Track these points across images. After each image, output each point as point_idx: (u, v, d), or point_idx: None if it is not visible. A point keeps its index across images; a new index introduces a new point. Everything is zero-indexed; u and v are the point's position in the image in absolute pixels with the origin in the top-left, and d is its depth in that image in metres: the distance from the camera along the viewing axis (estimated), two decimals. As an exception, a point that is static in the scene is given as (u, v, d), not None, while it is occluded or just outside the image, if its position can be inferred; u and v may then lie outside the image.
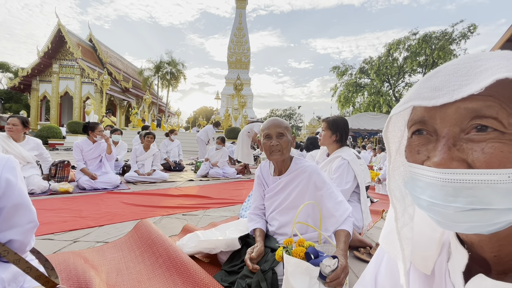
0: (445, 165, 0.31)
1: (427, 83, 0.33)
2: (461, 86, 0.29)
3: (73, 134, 12.24)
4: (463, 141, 0.31)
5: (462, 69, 0.30)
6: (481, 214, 0.29)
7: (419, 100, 0.32)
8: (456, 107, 0.31)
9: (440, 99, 0.30)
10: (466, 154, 0.30)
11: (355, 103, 24.95)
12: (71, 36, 17.81)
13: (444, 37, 19.38)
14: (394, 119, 0.40)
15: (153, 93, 24.92)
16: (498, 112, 0.29)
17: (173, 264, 1.36)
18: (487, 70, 0.28)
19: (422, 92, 0.32)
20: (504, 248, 0.33)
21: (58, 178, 3.52)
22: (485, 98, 0.29)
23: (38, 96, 18.41)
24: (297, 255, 0.98)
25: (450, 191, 0.30)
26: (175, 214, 2.51)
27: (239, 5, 25.44)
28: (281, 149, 1.27)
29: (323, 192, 1.29)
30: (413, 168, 0.35)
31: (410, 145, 0.37)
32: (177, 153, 6.34)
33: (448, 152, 0.31)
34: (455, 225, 0.31)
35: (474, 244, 0.36)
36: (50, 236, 1.86)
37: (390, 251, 0.46)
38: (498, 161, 0.28)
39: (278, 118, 1.34)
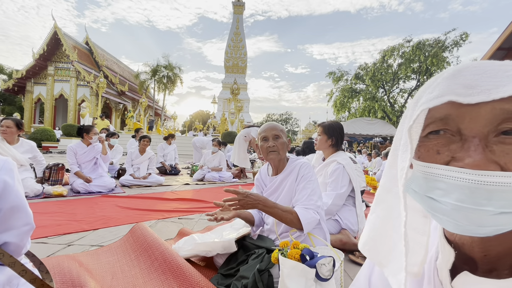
0: (482, 167, 0.29)
1: (456, 80, 0.31)
2: (497, 87, 0.29)
3: (67, 137, 12.11)
4: (493, 142, 0.30)
5: (490, 71, 0.30)
6: (509, 217, 0.29)
7: (455, 96, 0.31)
8: (492, 107, 0.30)
9: (476, 96, 0.30)
10: (498, 157, 0.30)
11: (351, 109, 25.21)
12: (67, 39, 17.75)
13: (437, 44, 19.79)
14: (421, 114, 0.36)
15: (150, 97, 24.86)
16: None
17: (169, 268, 1.35)
18: None
19: (455, 88, 0.31)
20: (494, 249, 0.35)
21: (52, 181, 3.47)
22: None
23: (32, 99, 18.22)
24: (293, 257, 0.99)
25: (484, 194, 0.29)
26: (170, 218, 2.50)
27: (237, 10, 25.69)
28: (277, 150, 1.36)
29: (301, 186, 1.33)
30: (433, 168, 0.33)
31: (426, 145, 0.35)
32: (173, 157, 6.32)
33: (483, 152, 0.30)
34: (478, 229, 0.30)
35: (465, 245, 0.37)
36: (44, 239, 1.84)
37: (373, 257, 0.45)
38: None
39: (274, 122, 1.42)
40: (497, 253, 0.35)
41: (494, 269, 0.35)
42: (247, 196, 1.17)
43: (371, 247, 0.45)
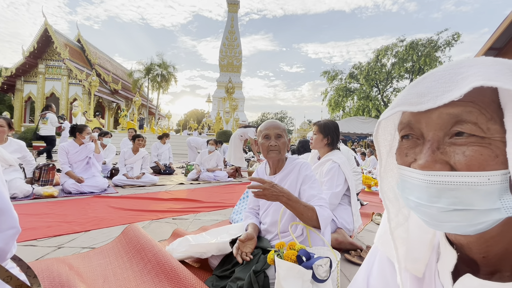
0: (429, 167, 0.32)
1: (414, 89, 0.34)
2: (444, 93, 0.31)
3: (59, 136, 11.88)
4: (446, 144, 0.32)
5: (446, 76, 0.32)
6: (463, 215, 0.30)
7: (406, 106, 0.34)
8: (439, 112, 0.32)
9: (424, 104, 0.32)
10: (449, 157, 0.32)
11: (345, 108, 25.37)
12: (58, 36, 17.38)
13: (430, 44, 20.02)
14: (383, 124, 0.42)
15: (143, 95, 24.57)
16: (477, 118, 0.30)
17: (162, 270, 1.33)
18: (467, 78, 0.30)
19: (409, 98, 0.34)
20: (491, 249, 0.34)
21: (42, 182, 3.39)
22: (465, 104, 0.31)
23: (22, 97, 17.81)
24: (289, 258, 0.97)
25: (434, 192, 0.32)
26: (164, 218, 2.46)
27: (231, 9, 25.55)
28: (279, 149, 1.34)
29: (307, 186, 1.32)
30: (402, 170, 0.36)
31: (400, 148, 0.38)
32: (168, 156, 6.26)
33: (432, 155, 0.32)
34: (440, 225, 0.33)
35: (463, 246, 0.37)
36: (33, 242, 1.78)
37: (386, 251, 0.48)
38: (478, 164, 0.30)
39: (276, 120, 1.40)
40: (496, 253, 0.34)
41: (496, 271, 0.34)
42: (273, 186, 1.14)
43: (384, 241, 0.48)
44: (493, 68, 0.30)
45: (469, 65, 0.31)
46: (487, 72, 0.29)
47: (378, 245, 0.50)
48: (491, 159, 0.29)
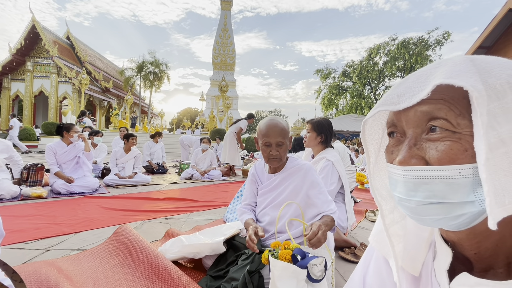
0: (405, 163, 0.34)
1: (395, 90, 0.36)
2: (418, 92, 0.32)
3: (48, 135, 11.61)
4: (423, 140, 0.34)
5: (423, 76, 0.34)
6: (439, 207, 0.32)
7: (386, 106, 0.36)
8: (415, 110, 0.34)
9: (401, 104, 0.34)
10: (424, 152, 0.33)
11: (338, 106, 25.55)
12: (46, 33, 16.93)
13: (421, 43, 20.29)
14: (369, 123, 0.44)
15: (135, 94, 24.22)
16: (446, 114, 0.31)
17: (154, 271, 1.30)
18: (435, 77, 0.31)
19: (389, 98, 0.36)
20: (482, 245, 0.34)
21: (30, 183, 3.31)
22: (436, 102, 0.32)
23: (9, 96, 17.32)
24: (284, 258, 0.96)
25: (411, 186, 0.33)
26: (157, 218, 2.43)
27: (224, 6, 25.35)
28: (280, 157, 1.29)
29: (316, 191, 1.30)
30: (389, 167, 0.38)
31: (387, 146, 0.40)
32: (160, 155, 6.18)
33: (409, 151, 0.34)
34: (421, 218, 0.34)
35: (455, 243, 0.37)
36: (21, 245, 1.73)
37: (381, 249, 0.48)
38: (449, 158, 0.31)
39: (277, 122, 1.28)
40: (487, 249, 0.34)
41: (490, 268, 0.35)
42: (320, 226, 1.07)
43: (379, 239, 0.48)
44: (459, 66, 0.31)
45: (443, 65, 0.33)
46: (450, 71, 0.30)
47: (373, 243, 0.50)
48: (460, 153, 0.30)
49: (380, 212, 0.44)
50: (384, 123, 0.43)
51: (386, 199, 0.44)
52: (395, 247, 0.43)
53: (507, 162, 0.28)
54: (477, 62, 0.31)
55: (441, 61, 0.34)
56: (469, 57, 0.32)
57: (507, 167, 0.28)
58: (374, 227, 0.52)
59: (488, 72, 0.30)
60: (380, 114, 0.44)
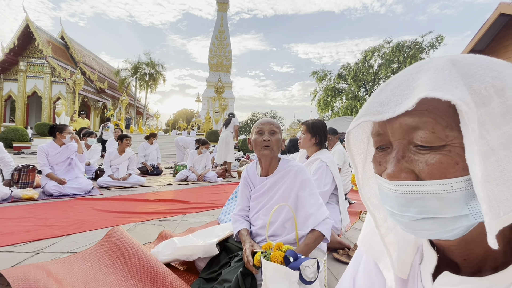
0: (395, 177, 0.32)
1: (377, 98, 0.34)
2: (401, 101, 0.30)
3: (41, 136, 11.45)
4: (411, 152, 0.32)
5: (405, 82, 0.31)
6: (433, 222, 0.30)
7: (369, 116, 0.33)
8: (399, 122, 0.32)
9: (385, 114, 0.32)
10: (414, 166, 0.31)
11: (334, 107, 25.72)
12: (40, 33, 16.74)
13: (415, 46, 20.58)
14: (354, 133, 0.42)
15: (131, 95, 24.04)
16: (433, 127, 0.29)
17: (146, 274, 1.28)
18: (418, 86, 0.29)
19: (372, 107, 0.33)
20: (472, 252, 0.34)
21: (21, 184, 3.25)
22: (421, 114, 0.30)
23: (2, 96, 17.06)
24: (276, 259, 0.96)
25: (403, 201, 0.32)
26: (151, 220, 2.40)
27: (221, 8, 25.38)
28: (272, 145, 1.29)
29: (306, 193, 1.29)
30: (378, 179, 0.36)
31: (374, 156, 0.38)
32: (155, 157, 6.13)
33: (397, 164, 0.32)
34: (415, 232, 0.33)
35: (445, 249, 0.37)
36: (10, 247, 1.69)
37: (369, 252, 0.47)
38: (439, 172, 0.29)
39: (270, 118, 1.39)
40: (477, 256, 0.34)
41: (477, 272, 0.34)
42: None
43: (367, 242, 0.47)
44: (442, 73, 0.29)
45: (426, 69, 0.31)
46: (434, 80, 0.28)
47: (361, 247, 0.50)
48: (451, 166, 0.29)
49: (374, 222, 0.42)
50: (369, 131, 0.41)
51: (378, 208, 0.42)
52: (392, 255, 0.42)
53: (498, 171, 0.27)
54: (459, 64, 0.29)
55: (422, 64, 0.32)
56: (451, 59, 0.30)
57: (499, 176, 0.27)
58: (362, 230, 0.50)
59: (471, 75, 0.28)
60: (364, 123, 0.41)
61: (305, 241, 1.19)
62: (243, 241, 1.28)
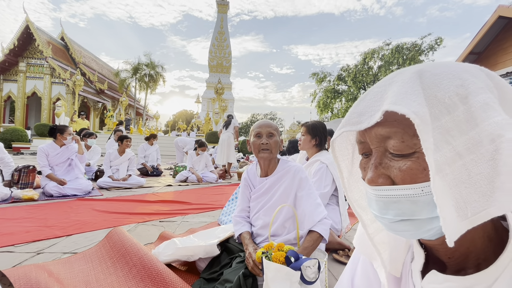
0: (373, 182, 0.34)
1: (356, 108, 0.36)
2: (375, 112, 0.33)
3: (40, 137, 11.45)
4: (387, 159, 0.34)
5: (379, 94, 0.34)
6: (410, 224, 0.32)
7: (349, 126, 0.36)
8: (374, 132, 0.34)
9: (362, 124, 0.34)
10: (390, 171, 0.33)
11: (334, 109, 25.74)
12: (40, 34, 16.77)
13: (414, 48, 20.64)
14: (338, 142, 0.44)
15: (130, 96, 24.06)
16: (402, 136, 0.32)
17: (147, 274, 1.29)
18: (386, 99, 0.32)
19: (351, 118, 0.36)
20: (456, 250, 0.35)
21: (21, 185, 3.25)
22: (391, 124, 0.32)
23: (1, 96, 17.08)
24: (277, 260, 0.96)
25: (382, 205, 0.34)
26: (151, 221, 2.41)
27: (221, 9, 25.47)
28: (270, 148, 1.31)
29: (304, 193, 1.31)
30: (363, 184, 0.38)
31: (360, 162, 0.40)
32: (155, 158, 6.14)
33: (375, 170, 0.34)
34: (396, 233, 0.35)
35: (432, 248, 0.39)
36: (10, 248, 1.70)
37: (363, 251, 0.49)
38: (410, 178, 0.31)
39: (269, 120, 1.38)
40: (460, 255, 0.35)
41: (461, 269, 0.36)
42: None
43: (362, 241, 0.48)
44: (406, 86, 0.31)
45: (395, 81, 0.32)
46: (397, 93, 0.30)
47: (356, 246, 0.51)
48: (419, 172, 0.31)
49: (361, 223, 0.44)
50: (353, 139, 0.44)
51: (365, 210, 0.44)
52: (382, 254, 0.44)
53: (465, 174, 0.28)
54: (425, 75, 0.31)
55: (394, 75, 0.34)
56: (419, 70, 0.32)
57: (467, 179, 0.28)
58: (357, 230, 0.52)
59: (436, 85, 0.30)
60: (347, 133, 0.44)
61: (304, 245, 1.20)
62: (245, 244, 1.28)
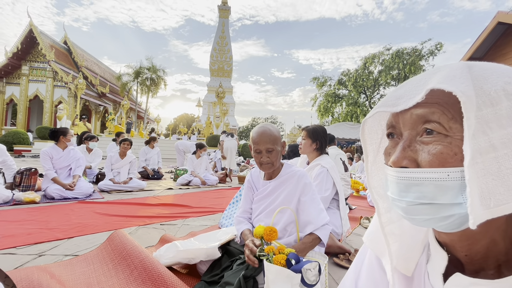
0: (397, 164, 0.35)
1: (395, 93, 0.37)
2: (415, 95, 0.33)
3: (42, 140, 11.49)
4: (417, 142, 0.35)
5: (422, 80, 0.34)
6: (428, 208, 0.33)
7: (384, 107, 0.37)
8: (410, 113, 0.35)
9: (399, 106, 0.35)
10: (417, 155, 0.34)
11: (334, 113, 25.79)
12: (43, 37, 16.92)
13: (415, 53, 20.76)
14: (369, 123, 0.45)
15: (132, 99, 24.17)
16: (439, 117, 0.32)
17: (149, 277, 1.29)
18: (431, 82, 0.32)
19: (388, 100, 0.37)
20: (473, 247, 0.35)
21: (23, 187, 3.26)
22: (430, 105, 0.33)
23: (4, 99, 17.16)
24: (278, 262, 0.97)
25: (403, 187, 0.34)
26: (152, 224, 2.41)
27: (222, 14, 25.74)
28: (271, 162, 1.31)
29: (308, 198, 1.32)
30: (385, 169, 0.39)
31: (386, 148, 0.40)
32: (156, 161, 6.15)
33: (403, 151, 0.35)
34: (412, 218, 0.35)
35: (448, 245, 0.38)
36: (12, 250, 1.70)
37: (374, 248, 0.49)
38: (438, 161, 0.32)
39: (267, 129, 1.31)
40: (477, 252, 0.35)
41: (480, 270, 0.36)
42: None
43: (373, 238, 0.49)
44: (455, 72, 0.32)
45: (442, 70, 0.34)
46: (445, 76, 0.31)
47: (366, 242, 0.51)
48: (450, 157, 0.32)
49: (377, 211, 0.44)
50: (384, 125, 0.44)
51: (383, 198, 0.44)
52: (391, 246, 0.44)
53: (496, 167, 0.29)
54: (474, 68, 0.32)
55: (440, 67, 0.35)
56: (468, 63, 0.33)
57: (496, 172, 0.29)
58: (369, 226, 0.52)
59: (485, 78, 0.31)
60: (380, 115, 0.44)
61: (303, 240, 1.23)
62: (245, 239, 1.30)
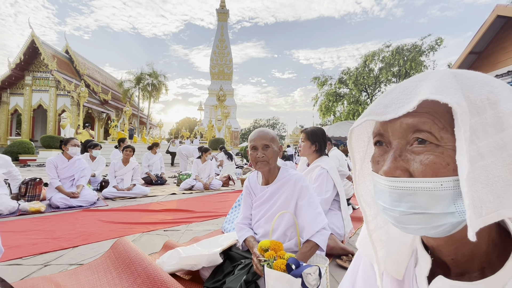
0: (390, 174, 0.35)
1: (382, 100, 0.37)
2: (404, 104, 0.33)
3: (47, 149, 11.61)
4: (408, 152, 0.35)
5: (409, 88, 0.34)
6: (421, 218, 0.33)
7: (373, 116, 0.37)
8: (400, 122, 0.35)
9: (388, 114, 0.35)
10: (409, 164, 0.34)
11: (336, 112, 25.70)
12: (45, 47, 17.17)
13: (415, 49, 20.65)
14: (356, 131, 0.45)
15: (134, 105, 24.37)
16: (431, 127, 0.32)
17: (152, 284, 1.31)
18: (421, 91, 0.33)
19: (376, 108, 0.36)
20: (459, 251, 0.36)
21: (28, 197, 3.30)
22: (421, 115, 0.33)
23: (8, 110, 17.41)
24: (278, 267, 0.98)
25: (396, 196, 0.34)
26: (156, 230, 2.43)
27: (221, 18, 25.88)
28: (267, 160, 1.31)
29: (305, 202, 1.32)
30: (374, 176, 0.39)
31: (373, 155, 0.40)
32: (159, 166, 6.18)
33: (394, 162, 0.35)
34: (405, 227, 0.35)
35: (434, 249, 0.39)
36: (18, 260, 1.73)
37: (367, 253, 0.49)
38: (431, 171, 0.32)
39: (264, 129, 1.36)
40: (463, 255, 0.36)
41: (465, 272, 0.37)
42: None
43: (365, 243, 0.49)
44: (444, 81, 0.32)
45: (430, 78, 0.34)
46: (436, 86, 0.32)
47: (359, 247, 0.52)
48: (442, 166, 0.32)
49: (365, 218, 0.45)
50: (370, 132, 0.44)
51: (370, 205, 0.45)
52: (378, 252, 0.44)
53: (484, 175, 0.29)
54: (459, 77, 0.33)
55: (426, 74, 0.35)
56: (453, 71, 0.34)
57: (485, 180, 0.29)
58: (361, 232, 0.53)
59: (470, 88, 0.31)
60: (366, 123, 0.44)
61: (301, 250, 1.23)
62: (251, 247, 1.30)
